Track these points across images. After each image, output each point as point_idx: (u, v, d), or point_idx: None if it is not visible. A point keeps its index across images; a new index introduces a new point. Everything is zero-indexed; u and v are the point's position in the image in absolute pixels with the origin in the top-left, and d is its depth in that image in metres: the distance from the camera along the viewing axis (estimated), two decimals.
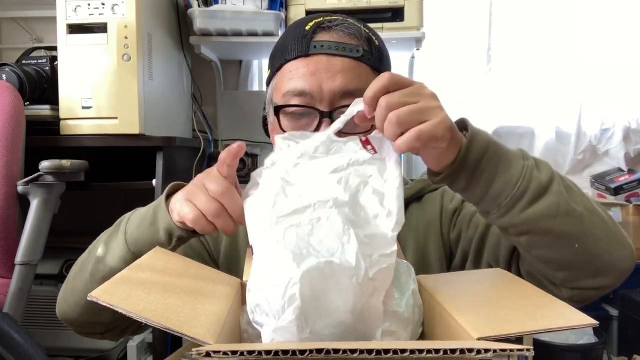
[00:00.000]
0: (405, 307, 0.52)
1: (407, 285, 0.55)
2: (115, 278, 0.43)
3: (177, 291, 0.46)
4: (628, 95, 2.13)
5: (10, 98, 1.32)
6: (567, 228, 0.61)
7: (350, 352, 0.31)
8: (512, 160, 0.61)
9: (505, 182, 0.60)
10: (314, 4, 1.73)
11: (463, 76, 2.14)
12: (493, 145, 0.61)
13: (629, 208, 1.89)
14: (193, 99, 2.08)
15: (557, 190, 0.61)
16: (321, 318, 0.43)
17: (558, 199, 0.60)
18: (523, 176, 0.60)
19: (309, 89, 0.74)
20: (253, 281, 0.48)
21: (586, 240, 0.62)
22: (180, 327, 0.37)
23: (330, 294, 0.44)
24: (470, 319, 0.44)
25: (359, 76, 0.74)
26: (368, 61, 0.76)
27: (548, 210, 0.60)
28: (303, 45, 0.76)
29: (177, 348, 0.63)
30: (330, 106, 0.73)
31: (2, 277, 1.26)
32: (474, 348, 0.33)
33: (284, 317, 0.42)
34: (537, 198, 0.60)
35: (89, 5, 1.51)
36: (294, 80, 0.75)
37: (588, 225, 0.62)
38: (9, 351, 0.89)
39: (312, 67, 0.74)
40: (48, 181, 1.25)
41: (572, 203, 0.61)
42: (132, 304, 0.38)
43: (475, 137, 0.60)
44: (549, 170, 0.63)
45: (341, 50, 0.74)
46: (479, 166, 0.59)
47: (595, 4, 2.09)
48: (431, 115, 0.55)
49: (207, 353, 0.32)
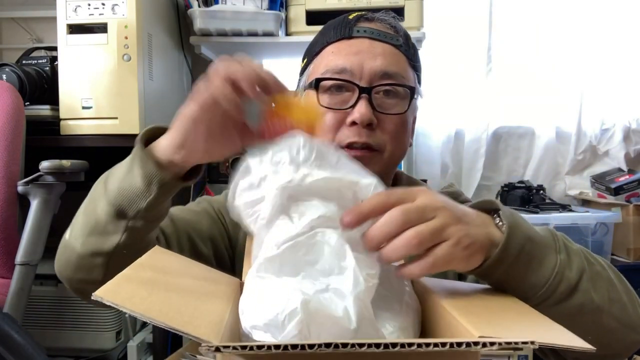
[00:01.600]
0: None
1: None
2: (118, 277, 0.43)
3: (179, 291, 0.46)
4: (628, 95, 2.13)
5: (10, 98, 1.32)
6: (587, 326, 0.58)
7: (358, 345, 0.31)
8: (545, 256, 0.58)
9: (534, 283, 0.57)
10: (314, 4, 1.74)
11: (463, 76, 2.14)
12: (529, 240, 0.56)
13: (629, 208, 1.89)
14: None
15: (584, 289, 0.59)
16: (324, 332, 0.42)
17: (584, 299, 0.58)
18: (553, 277, 0.57)
19: (349, 66, 0.75)
20: (246, 303, 0.47)
21: (600, 333, 0.60)
22: (184, 326, 0.37)
23: (332, 308, 0.43)
24: (472, 319, 0.44)
25: (398, 62, 0.77)
26: (406, 52, 0.79)
27: (570, 312, 0.58)
28: (346, 29, 0.78)
29: (177, 348, 0.63)
30: (369, 83, 0.74)
31: (2, 277, 1.26)
32: (479, 341, 0.33)
33: (285, 333, 0.41)
34: (562, 300, 0.58)
35: (89, 5, 1.51)
36: (335, 58, 0.77)
37: (606, 319, 0.60)
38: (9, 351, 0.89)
39: (355, 48, 0.76)
40: (48, 181, 1.25)
41: (596, 298, 0.59)
42: (136, 303, 0.38)
43: (513, 231, 0.55)
44: (579, 263, 0.59)
45: (383, 37, 0.77)
46: (514, 264, 0.55)
47: (595, 4, 2.10)
48: (449, 233, 0.50)
49: (217, 348, 0.32)
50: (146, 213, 0.62)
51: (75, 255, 0.65)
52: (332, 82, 0.76)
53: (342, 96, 0.76)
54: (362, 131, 0.73)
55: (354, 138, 0.73)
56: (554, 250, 0.58)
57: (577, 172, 2.19)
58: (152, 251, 0.56)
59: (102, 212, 0.62)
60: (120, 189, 0.62)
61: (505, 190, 2.03)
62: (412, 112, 0.81)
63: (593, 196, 2.08)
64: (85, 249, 0.64)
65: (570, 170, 2.18)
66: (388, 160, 0.77)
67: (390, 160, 0.77)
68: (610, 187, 1.99)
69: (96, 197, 0.64)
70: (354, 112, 0.73)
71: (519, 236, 0.55)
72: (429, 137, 2.14)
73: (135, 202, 0.61)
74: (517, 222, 0.57)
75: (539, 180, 2.13)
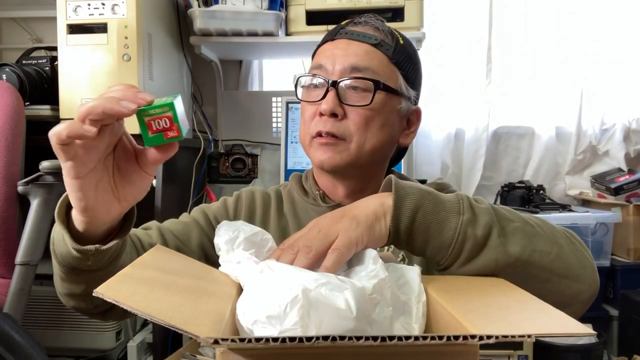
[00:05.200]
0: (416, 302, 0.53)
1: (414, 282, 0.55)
2: (119, 275, 0.43)
3: (180, 289, 0.46)
4: (628, 95, 2.13)
5: (10, 98, 1.32)
6: (511, 278, 0.61)
7: (355, 338, 0.31)
8: (445, 220, 0.63)
9: (438, 246, 0.63)
10: (314, 4, 1.73)
11: (463, 76, 2.14)
12: (421, 208, 0.63)
13: (629, 208, 1.90)
14: (193, 99, 2.08)
15: (495, 244, 0.62)
16: (325, 319, 0.43)
17: (496, 253, 0.62)
18: (456, 238, 0.62)
19: (324, 63, 0.82)
20: (246, 302, 0.47)
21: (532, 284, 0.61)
22: (184, 325, 0.37)
23: (331, 298, 0.44)
24: (470, 317, 0.44)
25: (372, 58, 0.81)
26: (386, 51, 0.82)
27: (486, 266, 0.62)
28: (333, 33, 0.86)
29: (177, 348, 0.63)
30: (338, 77, 0.80)
31: (2, 277, 1.26)
32: (476, 334, 0.33)
33: (287, 320, 0.41)
34: (472, 256, 0.62)
35: (89, 5, 1.51)
36: (316, 59, 0.85)
37: (534, 270, 0.64)
38: (9, 351, 0.89)
39: (334, 47, 0.83)
40: (48, 181, 1.25)
41: (514, 252, 0.63)
42: (137, 301, 0.38)
43: (401, 204, 0.63)
44: (487, 220, 0.63)
45: (361, 37, 0.82)
46: (410, 234, 0.63)
47: (595, 4, 2.10)
48: (333, 235, 0.59)
49: (216, 340, 0.32)
50: (97, 265, 0.62)
51: (58, 291, 0.71)
52: (307, 77, 0.84)
53: (316, 91, 0.83)
54: (327, 121, 0.80)
55: (321, 127, 0.80)
56: (456, 213, 0.63)
57: (577, 172, 2.19)
58: (154, 249, 0.56)
59: (58, 270, 0.66)
60: (62, 255, 0.62)
61: (505, 190, 2.04)
62: (387, 107, 0.82)
63: (593, 196, 2.08)
64: (62, 290, 0.69)
65: (570, 170, 2.18)
66: (356, 151, 0.80)
67: (359, 150, 0.80)
68: (610, 187, 1.99)
69: (52, 250, 0.65)
70: (322, 103, 0.80)
71: (409, 204, 0.63)
72: (429, 137, 2.14)
73: (81, 263, 0.61)
74: (406, 193, 0.63)
75: (539, 180, 2.13)
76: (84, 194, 0.55)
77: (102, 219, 0.59)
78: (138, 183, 0.59)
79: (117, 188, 0.58)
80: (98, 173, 0.55)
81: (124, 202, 0.59)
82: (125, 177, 0.58)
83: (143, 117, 0.54)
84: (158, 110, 0.53)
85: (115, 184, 0.58)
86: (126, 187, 0.58)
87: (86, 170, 0.54)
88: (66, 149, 0.53)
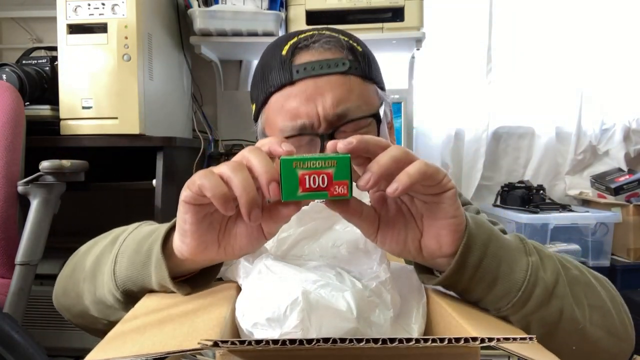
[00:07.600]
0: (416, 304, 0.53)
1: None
2: (109, 336, 0.42)
3: (173, 318, 0.45)
4: (628, 95, 2.14)
5: (10, 98, 1.32)
6: (569, 336, 0.54)
7: (356, 341, 0.31)
8: (515, 259, 0.53)
9: (506, 288, 0.51)
10: (314, 4, 1.73)
11: (463, 76, 2.14)
12: (493, 237, 0.53)
13: (629, 208, 1.90)
14: (193, 99, 2.08)
15: (562, 294, 0.54)
16: (326, 321, 0.43)
17: (562, 304, 0.54)
18: (527, 279, 0.52)
19: (305, 120, 0.70)
20: (245, 304, 0.46)
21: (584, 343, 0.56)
22: (179, 345, 0.36)
23: (332, 300, 0.44)
24: (472, 322, 0.44)
25: (350, 90, 0.71)
26: (356, 71, 0.72)
27: (551, 320, 0.53)
28: (285, 73, 0.71)
29: None
30: (329, 127, 0.70)
31: (2, 277, 1.26)
32: (478, 337, 0.33)
33: (287, 323, 0.41)
34: (541, 306, 0.52)
35: (89, 5, 1.51)
36: (286, 115, 0.71)
37: (589, 327, 0.55)
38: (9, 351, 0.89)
39: (301, 96, 0.70)
40: (48, 181, 1.25)
41: (575, 306, 0.54)
42: (128, 349, 0.37)
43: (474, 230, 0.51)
44: (553, 265, 0.55)
45: (325, 68, 0.70)
46: (480, 265, 0.51)
47: (595, 4, 2.10)
48: (450, 185, 0.48)
49: (215, 343, 0.32)
50: None
51: (80, 309, 0.63)
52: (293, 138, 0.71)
53: (306, 138, 0.72)
54: None
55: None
56: (523, 253, 0.54)
57: (577, 172, 2.19)
58: (144, 298, 0.54)
59: (108, 294, 0.58)
60: (129, 278, 0.57)
61: (505, 190, 2.04)
62: (383, 122, 0.77)
63: (593, 196, 2.08)
64: (93, 311, 0.62)
65: (570, 170, 2.18)
66: None
67: None
68: (610, 187, 1.99)
69: (103, 271, 0.59)
70: None
71: (482, 232, 0.52)
72: (429, 137, 2.14)
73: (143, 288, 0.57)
74: (481, 220, 0.54)
75: (539, 180, 2.13)
76: (190, 217, 0.50)
77: (194, 256, 0.53)
78: (245, 238, 0.52)
79: (224, 236, 0.52)
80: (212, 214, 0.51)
81: (229, 252, 0.53)
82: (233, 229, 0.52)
83: (296, 170, 0.44)
84: (320, 163, 0.44)
85: (216, 229, 0.52)
86: (227, 237, 0.52)
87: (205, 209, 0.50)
88: (199, 209, 0.49)
